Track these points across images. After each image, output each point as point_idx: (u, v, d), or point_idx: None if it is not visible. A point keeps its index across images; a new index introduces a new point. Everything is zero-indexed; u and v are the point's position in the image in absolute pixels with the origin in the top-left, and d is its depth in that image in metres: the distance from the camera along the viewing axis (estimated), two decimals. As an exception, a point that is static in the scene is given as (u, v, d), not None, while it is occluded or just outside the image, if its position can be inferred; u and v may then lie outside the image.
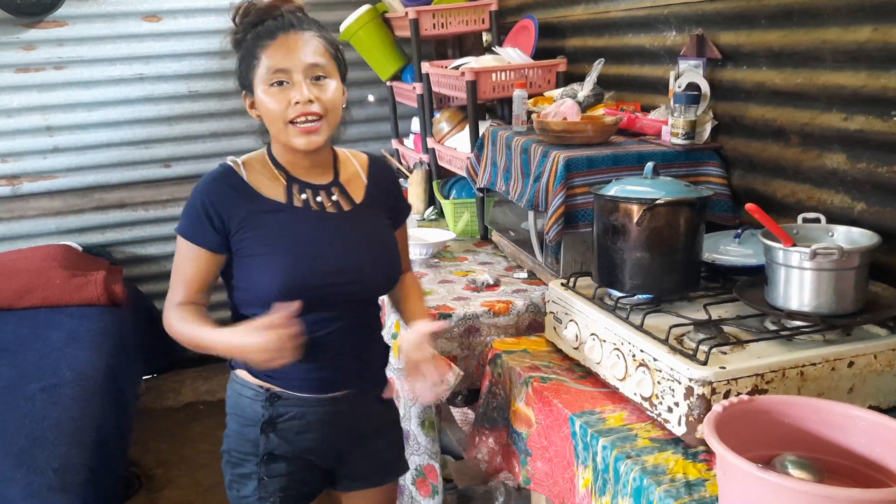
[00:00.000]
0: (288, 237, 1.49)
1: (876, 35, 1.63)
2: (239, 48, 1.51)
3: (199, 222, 1.47)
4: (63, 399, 2.41)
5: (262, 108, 1.47)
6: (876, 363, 1.47)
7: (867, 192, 1.71)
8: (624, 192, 1.71)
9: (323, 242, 1.51)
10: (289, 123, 1.44)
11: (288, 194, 1.51)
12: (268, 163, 1.53)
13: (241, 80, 1.52)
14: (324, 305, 1.51)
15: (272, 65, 1.43)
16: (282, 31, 1.45)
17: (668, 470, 1.34)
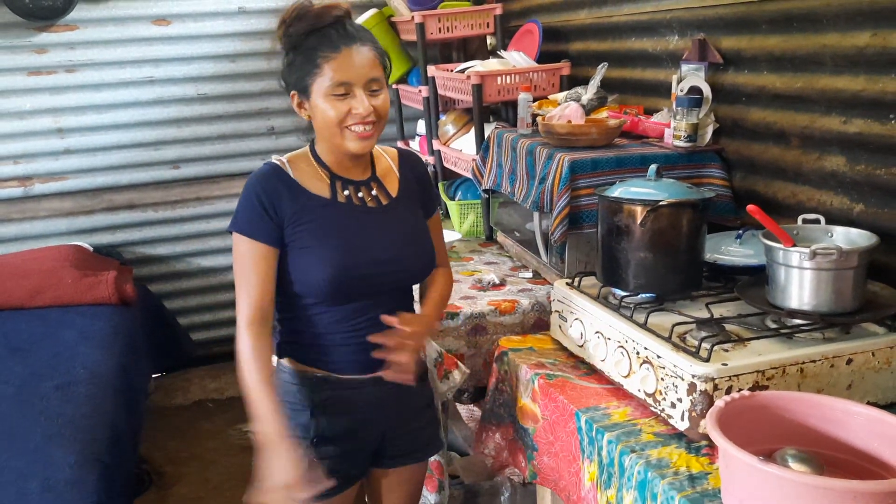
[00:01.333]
0: (336, 230, 1.58)
1: (875, 40, 1.67)
2: (294, 51, 1.54)
3: (258, 216, 1.53)
4: (76, 397, 2.46)
5: (320, 114, 1.53)
6: (874, 360, 1.51)
7: (866, 193, 1.75)
8: (628, 193, 1.75)
9: (366, 235, 1.60)
10: (345, 128, 1.53)
11: (332, 190, 1.60)
12: (311, 161, 1.61)
13: (294, 82, 1.56)
14: (368, 293, 1.60)
15: (337, 78, 1.49)
16: (345, 44, 1.50)
17: (671, 464, 1.38)
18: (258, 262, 1.54)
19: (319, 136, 1.60)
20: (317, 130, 1.59)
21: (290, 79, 1.56)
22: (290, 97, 1.58)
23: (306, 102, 1.55)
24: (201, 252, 3.83)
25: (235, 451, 3.25)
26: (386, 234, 1.63)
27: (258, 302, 1.53)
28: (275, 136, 3.80)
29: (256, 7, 3.60)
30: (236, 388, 3.76)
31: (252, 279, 1.53)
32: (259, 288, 1.53)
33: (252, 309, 1.52)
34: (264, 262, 1.54)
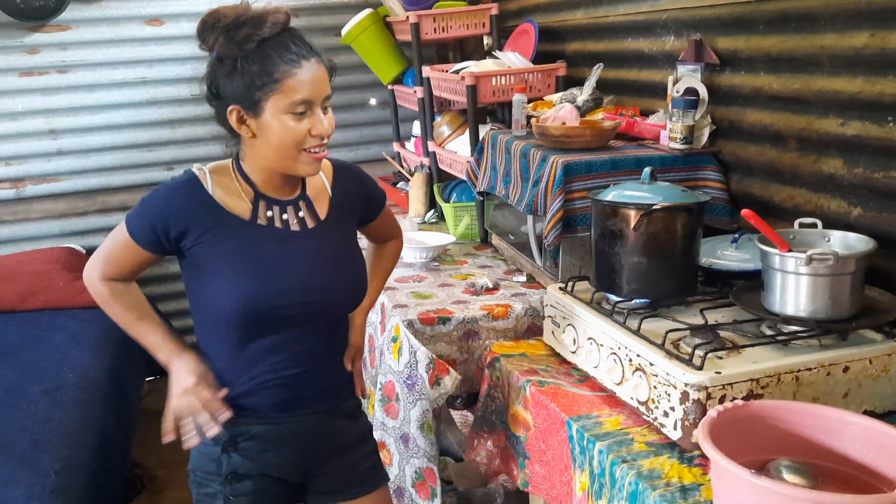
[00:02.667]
0: (250, 256, 1.45)
1: (872, 41, 1.63)
2: (242, 60, 1.37)
3: (150, 228, 1.44)
4: (65, 401, 2.43)
5: (273, 134, 1.38)
6: (871, 368, 1.48)
7: (864, 197, 1.72)
8: (621, 197, 1.72)
9: (286, 262, 1.48)
10: (302, 151, 1.41)
11: (253, 210, 1.47)
12: (235, 176, 1.47)
13: (238, 96, 1.38)
14: (285, 325, 1.49)
15: (299, 96, 1.36)
16: (304, 58, 1.37)
17: (663, 474, 1.34)
18: (133, 254, 1.47)
19: (258, 154, 1.43)
20: (257, 149, 1.42)
21: (232, 91, 1.38)
22: (223, 110, 1.40)
23: (252, 119, 1.39)
24: (195, 254, 3.79)
25: (228, 456, 3.22)
26: (308, 260, 1.50)
27: (113, 274, 1.50)
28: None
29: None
30: (230, 392, 3.73)
31: (120, 259, 1.49)
32: (126, 269, 1.50)
33: (108, 271, 1.50)
34: (139, 258, 1.48)
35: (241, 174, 1.47)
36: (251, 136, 1.41)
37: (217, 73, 1.41)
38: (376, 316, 2.30)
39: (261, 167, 1.45)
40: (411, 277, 2.42)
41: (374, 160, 3.89)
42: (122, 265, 1.49)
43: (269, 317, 1.46)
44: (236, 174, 1.47)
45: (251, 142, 1.42)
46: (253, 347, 1.48)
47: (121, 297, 1.52)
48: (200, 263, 1.45)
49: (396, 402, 2.05)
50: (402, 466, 2.05)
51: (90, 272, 1.51)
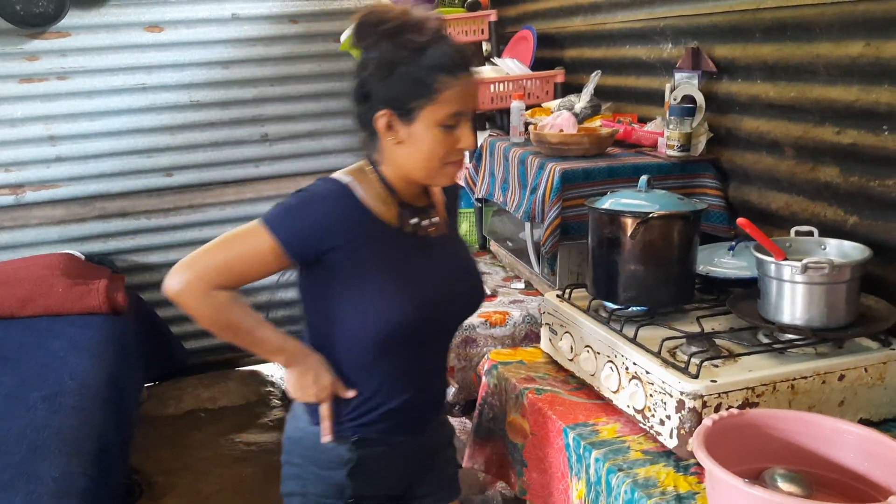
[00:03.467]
0: (407, 266, 1.39)
1: (868, 50, 1.64)
2: (402, 66, 1.30)
3: (303, 238, 1.32)
4: (64, 408, 2.42)
5: (423, 144, 1.32)
6: (867, 376, 1.48)
7: (860, 205, 1.73)
8: (618, 205, 1.73)
9: (434, 271, 1.43)
10: (446, 163, 1.35)
11: (400, 218, 1.39)
12: (377, 184, 1.38)
13: (391, 100, 1.32)
14: (435, 335, 1.46)
15: (454, 109, 1.31)
16: (462, 71, 1.31)
17: (659, 483, 1.35)
18: (261, 259, 1.32)
19: (399, 161, 1.35)
20: (400, 156, 1.35)
21: (385, 95, 1.31)
22: (369, 113, 1.33)
23: (403, 127, 1.32)
24: (195, 260, 3.79)
25: (228, 462, 3.22)
26: (449, 268, 1.47)
27: (227, 282, 1.33)
28: (268, 143, 3.78)
29: (249, 14, 3.58)
30: (229, 398, 3.76)
31: (240, 264, 1.33)
32: (235, 276, 1.33)
33: (221, 280, 1.32)
34: (264, 264, 1.33)
35: (381, 179, 1.38)
36: (397, 143, 1.34)
37: (371, 74, 1.33)
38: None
39: (400, 174, 1.38)
40: (409, 284, 2.42)
41: (373, 166, 3.89)
42: (245, 274, 1.33)
43: (429, 326, 1.41)
44: (378, 181, 1.38)
45: (394, 148, 1.34)
46: (385, 368, 1.41)
47: (237, 304, 1.35)
48: (349, 278, 1.34)
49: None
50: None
51: (192, 281, 1.31)
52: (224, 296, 1.33)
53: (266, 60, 3.67)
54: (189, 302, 1.32)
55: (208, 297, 1.32)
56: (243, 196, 3.79)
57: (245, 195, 3.80)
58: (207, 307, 1.33)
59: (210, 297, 1.32)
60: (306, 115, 3.80)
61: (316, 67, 3.74)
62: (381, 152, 1.37)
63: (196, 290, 1.32)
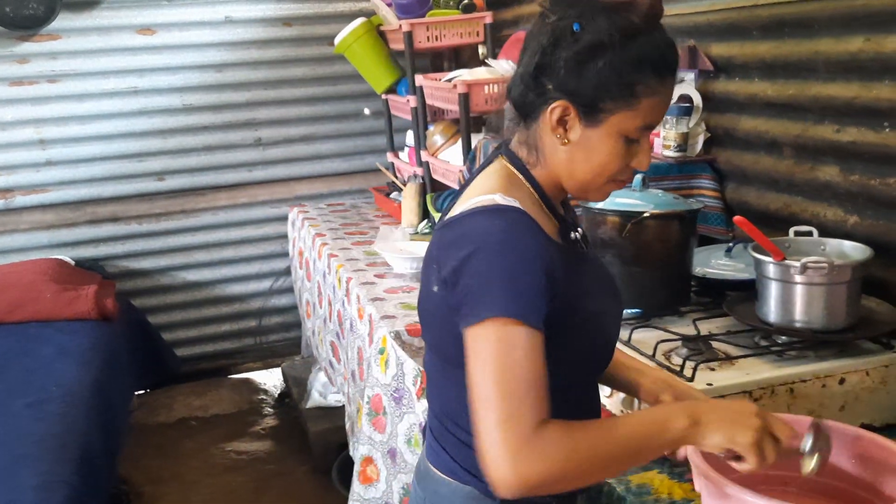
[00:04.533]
0: (592, 287, 1.16)
1: (868, 45, 1.60)
2: (605, 53, 1.02)
3: (539, 292, 1.00)
4: (48, 415, 2.38)
5: (599, 154, 1.07)
6: (868, 380, 1.43)
7: (860, 204, 1.68)
8: (612, 204, 1.68)
9: (604, 290, 1.20)
10: (611, 181, 1.11)
11: (562, 234, 1.14)
12: (534, 196, 1.12)
13: (577, 92, 1.05)
14: (604, 364, 1.21)
15: (648, 121, 1.05)
16: (671, 76, 1.07)
17: (652, 490, 1.30)
18: (538, 354, 0.98)
19: (561, 164, 1.09)
20: (563, 159, 1.08)
21: (572, 83, 1.05)
22: (541, 98, 1.07)
23: (580, 127, 1.06)
24: (186, 266, 3.75)
25: (218, 472, 3.16)
26: (609, 285, 1.23)
27: (544, 409, 0.96)
28: (262, 147, 3.74)
29: (243, 17, 3.55)
30: (221, 406, 3.71)
31: (537, 375, 0.97)
32: (542, 394, 0.97)
33: (540, 412, 0.95)
34: (540, 356, 0.99)
35: (535, 187, 1.12)
36: (565, 143, 1.08)
37: (563, 53, 1.04)
38: (364, 328, 2.25)
39: (553, 179, 1.12)
40: (401, 288, 2.37)
41: (368, 171, 3.86)
42: (543, 381, 0.98)
43: (607, 357, 1.19)
44: (535, 192, 1.12)
45: (557, 148, 1.09)
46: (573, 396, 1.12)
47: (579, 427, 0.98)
48: (563, 314, 1.05)
49: (384, 416, 2.00)
50: (390, 482, 2.00)
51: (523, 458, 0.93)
52: (553, 430, 0.95)
53: (259, 64, 3.63)
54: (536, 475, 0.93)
55: (539, 446, 0.94)
56: (237, 201, 3.75)
57: (238, 200, 3.76)
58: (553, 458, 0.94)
59: (541, 444, 0.94)
60: (300, 119, 3.77)
61: (310, 71, 3.71)
62: (539, 150, 1.11)
63: (530, 456, 0.93)
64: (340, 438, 2.68)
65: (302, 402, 3.30)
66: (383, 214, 3.47)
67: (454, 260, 1.02)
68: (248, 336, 3.92)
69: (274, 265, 3.87)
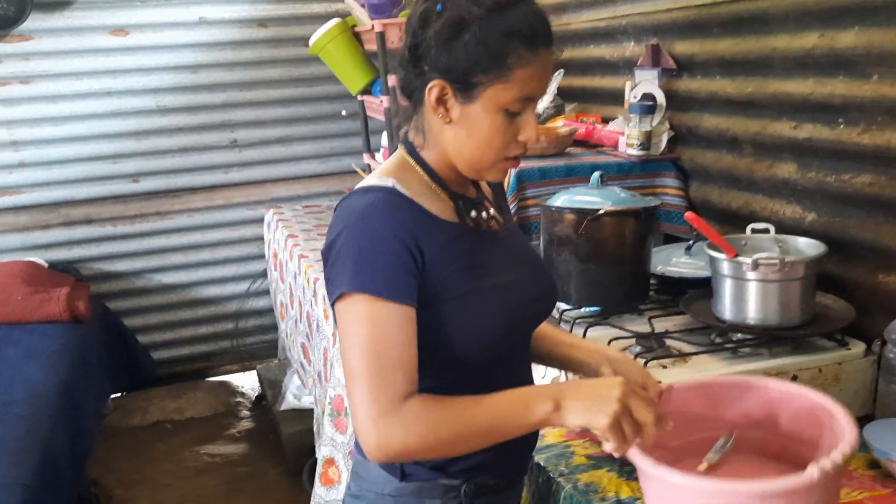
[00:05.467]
0: (488, 265, 1.14)
1: (822, 41, 1.60)
2: (467, 29, 1.04)
3: (402, 268, 1.03)
4: (11, 417, 2.36)
5: (479, 130, 1.07)
6: (821, 377, 1.43)
7: (817, 201, 1.68)
8: (569, 202, 1.67)
9: (511, 267, 1.18)
10: (502, 159, 1.11)
11: (458, 214, 1.14)
12: (423, 176, 1.13)
13: (449, 70, 1.05)
14: (521, 342, 1.21)
15: (525, 92, 1.05)
16: (544, 46, 1.06)
17: (600, 489, 1.28)
18: (406, 328, 1.02)
19: (448, 144, 1.11)
20: (449, 139, 1.10)
21: (445, 62, 1.05)
22: (420, 81, 1.08)
23: (458, 104, 1.07)
24: (162, 268, 3.73)
25: (190, 474, 3.14)
26: (524, 263, 1.22)
27: (409, 383, 1.01)
28: (238, 149, 3.72)
29: (217, 18, 3.53)
30: (197, 409, 3.68)
31: (404, 349, 1.01)
32: (413, 360, 1.02)
33: (403, 386, 1.00)
34: (411, 327, 1.03)
35: (425, 168, 1.14)
36: (447, 122, 1.09)
37: (430, 33, 1.06)
38: (329, 328, 2.24)
39: (445, 160, 1.13)
40: (367, 288, 2.36)
41: (345, 172, 3.84)
42: (411, 356, 1.02)
43: (519, 334, 1.19)
44: (424, 173, 1.14)
45: (442, 128, 1.10)
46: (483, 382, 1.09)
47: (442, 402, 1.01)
48: (444, 290, 1.07)
49: (345, 417, 1.98)
50: (352, 483, 1.98)
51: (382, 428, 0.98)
52: (421, 403, 1.00)
53: (235, 65, 3.61)
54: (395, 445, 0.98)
55: (399, 418, 0.98)
56: (212, 203, 3.73)
57: (214, 202, 3.73)
58: (419, 437, 0.99)
59: (401, 417, 0.98)
60: (276, 121, 3.75)
61: (285, 72, 3.70)
62: (426, 132, 1.13)
63: (389, 437, 0.98)
64: (313, 441, 2.66)
65: (276, 404, 3.28)
66: (358, 216, 3.45)
67: (328, 240, 1.08)
68: (224, 339, 3.89)
69: (251, 267, 3.85)
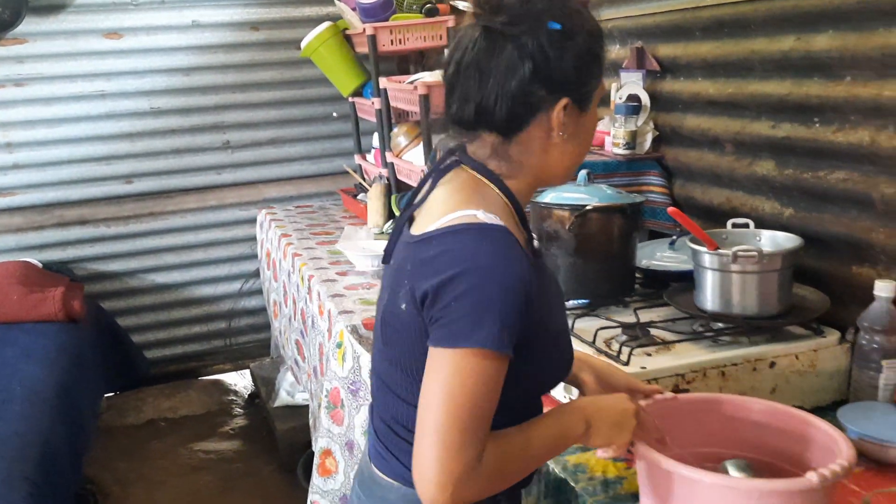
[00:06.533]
0: (554, 300, 1.13)
1: (798, 44, 1.67)
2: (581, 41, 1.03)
3: (519, 320, 0.97)
4: (10, 414, 2.39)
5: (588, 133, 1.07)
6: (798, 363, 1.50)
7: (795, 197, 1.75)
8: (557, 199, 1.74)
9: (562, 301, 1.20)
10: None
11: (529, 245, 1.10)
12: (511, 211, 1.06)
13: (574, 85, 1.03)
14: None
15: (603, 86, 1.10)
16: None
17: (588, 469, 1.35)
18: (498, 382, 0.98)
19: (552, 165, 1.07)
20: (558, 157, 1.06)
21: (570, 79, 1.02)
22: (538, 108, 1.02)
23: (577, 116, 1.04)
24: (156, 268, 3.77)
25: (185, 472, 3.18)
26: (561, 294, 1.22)
27: (483, 439, 0.97)
28: (230, 151, 3.77)
29: (210, 21, 3.58)
30: (190, 407, 3.72)
31: (490, 410, 0.97)
32: (486, 424, 0.97)
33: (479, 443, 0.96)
34: (501, 380, 0.99)
35: (512, 201, 1.06)
36: (564, 138, 1.04)
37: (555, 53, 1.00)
38: (324, 323, 2.29)
39: (533, 184, 1.09)
40: (361, 285, 2.42)
41: (337, 173, 3.90)
42: (494, 408, 0.98)
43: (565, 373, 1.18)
44: (509, 202, 1.06)
45: (548, 148, 1.06)
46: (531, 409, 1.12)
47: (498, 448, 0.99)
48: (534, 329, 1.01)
49: (342, 409, 2.04)
50: (348, 473, 2.03)
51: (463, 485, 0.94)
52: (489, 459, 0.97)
53: (227, 68, 3.66)
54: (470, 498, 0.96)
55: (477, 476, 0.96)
56: (205, 204, 3.77)
57: (207, 203, 3.78)
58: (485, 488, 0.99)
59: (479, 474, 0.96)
60: (268, 123, 3.80)
61: (277, 75, 3.75)
62: (514, 160, 1.06)
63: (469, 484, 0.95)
64: (307, 436, 2.70)
65: (270, 401, 3.33)
66: (351, 216, 3.51)
67: (433, 280, 0.98)
68: (217, 338, 3.94)
69: (243, 267, 3.89)
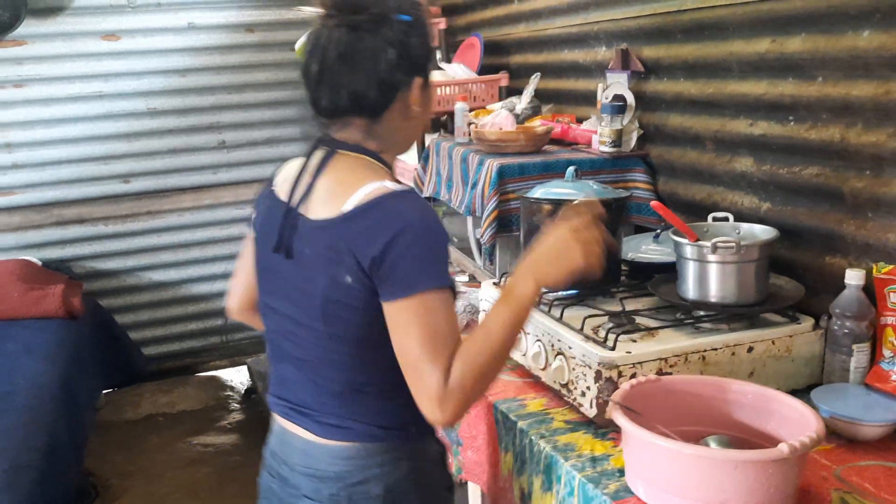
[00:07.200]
0: None
1: (773, 46, 1.76)
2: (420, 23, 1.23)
3: (448, 257, 1.21)
4: (15, 406, 2.46)
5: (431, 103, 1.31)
6: (774, 348, 1.58)
7: (771, 192, 1.84)
8: (546, 194, 1.82)
9: None
10: None
11: None
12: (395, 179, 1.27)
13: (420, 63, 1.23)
14: None
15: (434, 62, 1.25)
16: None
17: (576, 447, 1.43)
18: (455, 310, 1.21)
19: (406, 138, 1.30)
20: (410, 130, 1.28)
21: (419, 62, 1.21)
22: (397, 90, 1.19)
23: (426, 91, 1.24)
24: (152, 266, 3.83)
25: (182, 465, 3.25)
26: None
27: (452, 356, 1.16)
28: (226, 150, 3.84)
29: (206, 23, 3.65)
30: (188, 402, 3.79)
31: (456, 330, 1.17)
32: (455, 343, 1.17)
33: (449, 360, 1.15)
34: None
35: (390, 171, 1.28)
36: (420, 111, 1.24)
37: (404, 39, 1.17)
38: (322, 316, 2.36)
39: (396, 153, 1.32)
40: (357, 279, 2.49)
41: (330, 172, 3.96)
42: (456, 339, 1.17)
43: None
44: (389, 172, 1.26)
45: (407, 122, 1.25)
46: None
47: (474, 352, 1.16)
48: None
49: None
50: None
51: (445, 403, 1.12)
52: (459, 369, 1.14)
53: (223, 69, 3.73)
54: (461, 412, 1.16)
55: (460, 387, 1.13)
56: (201, 202, 3.84)
57: (203, 201, 3.85)
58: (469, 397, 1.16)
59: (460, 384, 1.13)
60: (263, 123, 3.87)
61: (272, 76, 3.82)
62: (383, 137, 1.24)
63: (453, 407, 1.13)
64: (303, 428, 2.78)
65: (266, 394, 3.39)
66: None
67: (379, 243, 1.13)
68: (214, 335, 4.00)
69: (239, 265, 3.95)
